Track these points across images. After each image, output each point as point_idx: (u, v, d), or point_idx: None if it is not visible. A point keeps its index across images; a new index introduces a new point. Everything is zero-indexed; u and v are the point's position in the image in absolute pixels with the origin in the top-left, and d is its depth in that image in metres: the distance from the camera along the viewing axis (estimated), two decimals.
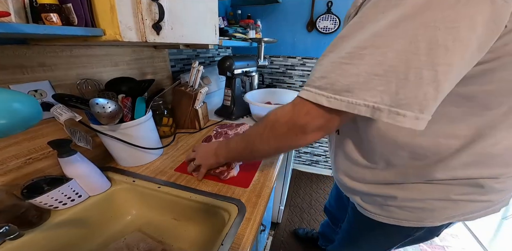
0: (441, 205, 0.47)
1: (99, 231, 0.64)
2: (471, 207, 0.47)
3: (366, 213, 0.59)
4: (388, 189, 0.51)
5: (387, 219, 0.54)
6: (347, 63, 0.31)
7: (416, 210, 0.50)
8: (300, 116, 0.38)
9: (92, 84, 0.68)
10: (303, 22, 1.63)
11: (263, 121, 0.46)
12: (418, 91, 0.28)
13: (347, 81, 0.31)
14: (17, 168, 0.56)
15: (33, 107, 0.37)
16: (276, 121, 0.42)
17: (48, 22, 0.42)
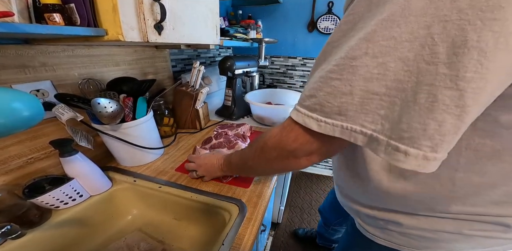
0: (451, 238, 0.41)
1: (100, 231, 0.64)
2: (487, 243, 0.40)
3: (366, 233, 0.54)
4: (394, 216, 0.45)
5: (387, 242, 0.50)
6: (336, 78, 0.25)
7: (420, 238, 0.44)
8: (288, 142, 0.33)
9: (94, 84, 0.68)
10: (304, 23, 1.63)
11: (255, 143, 0.42)
12: (430, 120, 0.21)
13: (338, 101, 0.25)
14: (19, 167, 0.56)
15: (35, 107, 0.37)
16: (265, 145, 0.38)
17: (51, 22, 0.42)
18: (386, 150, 0.23)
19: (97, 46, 0.71)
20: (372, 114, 0.24)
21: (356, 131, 0.25)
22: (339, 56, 0.25)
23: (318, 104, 0.27)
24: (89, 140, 0.59)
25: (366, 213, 0.50)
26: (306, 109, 0.29)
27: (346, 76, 0.24)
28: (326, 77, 0.26)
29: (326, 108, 0.26)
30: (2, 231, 0.34)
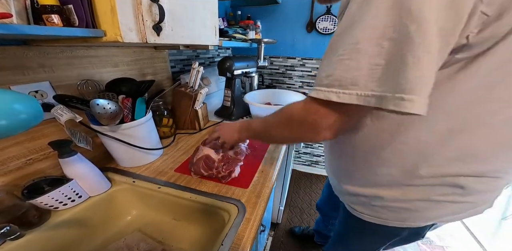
0: (424, 206, 0.48)
1: (99, 231, 0.64)
2: (453, 208, 0.48)
3: (355, 213, 0.60)
4: (375, 190, 0.52)
5: (374, 218, 0.56)
6: (347, 59, 0.32)
7: (400, 210, 0.51)
8: (310, 115, 0.39)
9: (93, 85, 0.68)
10: (303, 23, 1.63)
11: (280, 113, 0.48)
12: (417, 74, 0.28)
13: (351, 75, 0.32)
14: (18, 168, 0.56)
15: (34, 108, 0.37)
16: (290, 117, 0.44)
17: (49, 23, 0.42)
18: (393, 101, 0.30)
19: (96, 47, 0.71)
20: (378, 80, 0.31)
21: (368, 96, 0.32)
22: (346, 42, 0.32)
23: (337, 80, 0.33)
24: (88, 141, 0.59)
25: (350, 191, 0.58)
26: (325, 87, 0.35)
27: (355, 56, 0.32)
28: (338, 60, 0.33)
29: (343, 82, 0.33)
30: (1, 232, 0.34)
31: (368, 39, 0.30)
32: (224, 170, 0.67)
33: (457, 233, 1.64)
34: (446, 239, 1.58)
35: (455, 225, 1.71)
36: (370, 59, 0.31)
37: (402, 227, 0.55)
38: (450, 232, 1.64)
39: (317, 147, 2.16)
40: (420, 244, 1.53)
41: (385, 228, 0.57)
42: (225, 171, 0.67)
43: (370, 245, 0.69)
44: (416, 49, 0.28)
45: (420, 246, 1.51)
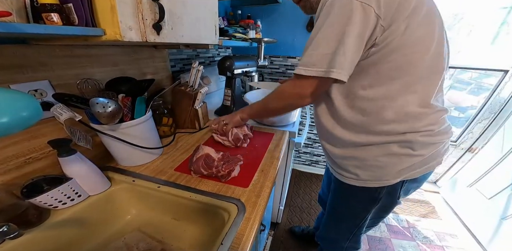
0: (389, 161, 0.62)
1: (99, 231, 0.64)
2: (410, 161, 0.62)
3: (341, 178, 0.73)
4: (351, 151, 0.66)
5: (355, 181, 0.69)
6: (311, 50, 0.54)
7: (373, 168, 0.64)
8: (295, 88, 0.63)
9: (92, 84, 0.67)
10: (303, 23, 1.63)
11: (276, 90, 0.70)
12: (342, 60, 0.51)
13: (313, 60, 0.54)
14: (17, 167, 0.56)
15: (33, 107, 0.37)
16: (284, 90, 0.67)
17: (48, 22, 0.42)
18: (331, 73, 0.52)
19: (96, 46, 0.70)
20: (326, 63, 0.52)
21: (320, 71, 0.53)
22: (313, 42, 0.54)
23: (304, 63, 0.55)
24: (87, 139, 0.59)
25: (335, 154, 0.71)
26: (300, 66, 0.56)
27: (316, 48, 0.53)
28: (307, 51, 0.55)
29: (308, 64, 0.55)
30: (0, 231, 0.34)
31: (323, 39, 0.52)
32: (224, 169, 0.67)
33: (457, 233, 1.64)
34: (446, 238, 1.58)
35: (455, 224, 1.71)
36: (323, 51, 0.52)
37: (379, 186, 0.66)
38: (450, 232, 1.64)
39: (317, 146, 2.16)
40: (420, 244, 1.53)
41: (366, 191, 0.69)
42: (224, 170, 0.67)
43: (356, 211, 0.79)
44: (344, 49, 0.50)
45: (420, 246, 1.51)
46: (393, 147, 0.60)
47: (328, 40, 0.51)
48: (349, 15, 0.47)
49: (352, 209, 0.79)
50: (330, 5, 0.50)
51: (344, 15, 0.48)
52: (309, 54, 0.54)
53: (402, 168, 0.63)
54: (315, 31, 0.53)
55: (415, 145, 0.60)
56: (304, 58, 0.55)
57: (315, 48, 0.52)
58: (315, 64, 0.53)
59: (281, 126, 1.11)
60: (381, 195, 0.69)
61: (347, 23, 0.48)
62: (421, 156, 0.61)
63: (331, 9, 0.49)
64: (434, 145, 0.62)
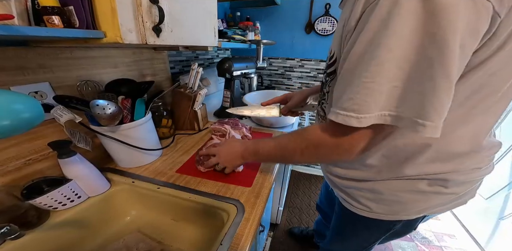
0: (412, 198, 0.51)
1: (99, 232, 0.64)
2: (438, 199, 0.51)
3: (350, 207, 0.62)
4: (365, 184, 0.55)
5: (367, 213, 0.58)
6: (370, 81, 0.33)
7: (391, 203, 0.53)
8: (345, 140, 0.41)
9: (92, 86, 0.68)
10: (302, 24, 1.64)
11: (301, 140, 0.48)
12: (433, 101, 0.31)
13: (373, 99, 0.34)
14: (17, 169, 0.56)
15: (35, 109, 0.38)
16: (319, 144, 0.45)
17: (50, 25, 0.42)
18: (410, 124, 0.33)
19: (95, 48, 0.71)
20: (396, 100, 0.33)
21: (387, 115, 0.34)
22: (366, 65, 0.33)
23: (356, 104, 0.35)
24: (87, 141, 0.59)
25: (343, 185, 0.60)
26: (344, 110, 0.36)
27: (377, 79, 0.33)
28: (360, 83, 0.34)
29: (363, 107, 0.34)
30: (2, 232, 0.35)
31: (391, 60, 0.31)
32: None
33: (456, 233, 1.64)
34: (444, 239, 1.58)
35: (453, 225, 1.72)
36: (391, 82, 0.32)
37: (395, 220, 0.57)
38: (448, 232, 1.64)
39: None
40: (418, 245, 1.53)
41: (379, 222, 0.58)
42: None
43: (365, 240, 0.70)
44: (435, 75, 0.30)
45: (418, 246, 1.52)
46: (420, 184, 0.49)
47: (406, 60, 0.30)
48: (454, 14, 0.27)
49: (360, 237, 0.71)
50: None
51: (442, 14, 0.27)
52: (364, 86, 0.33)
53: (427, 207, 0.53)
54: (370, 43, 0.32)
55: (450, 183, 0.48)
56: (351, 95, 0.35)
57: (377, 77, 0.32)
58: (377, 105, 0.33)
59: (279, 127, 1.12)
60: (396, 227, 0.60)
61: (452, 28, 0.27)
62: (454, 194, 0.51)
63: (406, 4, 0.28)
64: (472, 182, 0.51)
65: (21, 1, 0.41)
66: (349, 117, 0.35)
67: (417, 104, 0.32)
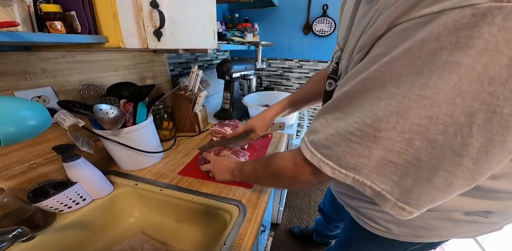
0: (442, 225, 0.44)
1: (103, 233, 0.65)
2: (474, 227, 0.45)
3: (364, 225, 0.56)
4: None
5: (385, 233, 0.51)
6: (356, 142, 0.26)
7: (415, 227, 0.46)
8: (303, 177, 0.37)
9: (94, 90, 0.69)
10: (300, 25, 1.65)
11: (269, 169, 0.46)
12: (438, 198, 0.24)
13: (355, 161, 0.27)
14: (22, 172, 0.57)
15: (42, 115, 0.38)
16: (280, 175, 0.43)
17: (52, 30, 0.43)
18: (392, 207, 0.27)
19: (97, 51, 0.71)
20: (384, 177, 0.26)
21: (366, 185, 0.28)
22: (363, 121, 0.25)
23: (335, 157, 0.29)
24: (90, 144, 0.60)
25: (360, 206, 0.53)
26: (322, 155, 0.31)
27: (367, 143, 0.25)
28: (346, 138, 0.27)
29: (342, 162, 0.28)
30: (13, 234, 0.35)
31: (397, 124, 0.22)
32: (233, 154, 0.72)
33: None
34: None
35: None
36: (387, 154, 0.24)
37: (415, 242, 0.50)
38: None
39: None
40: None
41: (396, 242, 0.52)
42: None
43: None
44: (454, 171, 0.21)
45: None
46: (455, 214, 0.42)
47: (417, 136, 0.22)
48: None
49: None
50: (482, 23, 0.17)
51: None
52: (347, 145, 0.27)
53: (458, 233, 0.46)
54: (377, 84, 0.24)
55: (492, 214, 0.42)
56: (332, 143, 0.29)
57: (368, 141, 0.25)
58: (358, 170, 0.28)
59: None
60: (415, 247, 0.53)
61: None
62: (493, 223, 0.44)
63: (484, 35, 0.17)
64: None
65: (24, 7, 0.41)
66: (325, 164, 0.30)
67: (411, 192, 0.25)
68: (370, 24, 0.28)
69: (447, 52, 0.19)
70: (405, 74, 0.21)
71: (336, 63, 0.46)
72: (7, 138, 0.34)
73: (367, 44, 0.27)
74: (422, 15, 0.20)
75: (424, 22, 0.20)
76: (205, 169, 0.72)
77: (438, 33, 0.19)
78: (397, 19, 0.22)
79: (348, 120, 0.27)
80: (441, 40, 0.19)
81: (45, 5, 0.42)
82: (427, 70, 0.20)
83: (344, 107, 0.28)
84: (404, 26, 0.22)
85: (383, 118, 0.23)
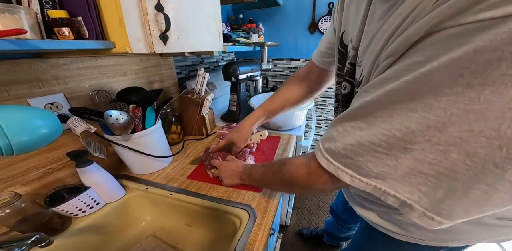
0: (470, 229, 0.41)
1: (117, 237, 0.66)
2: (503, 231, 0.41)
3: (382, 229, 0.53)
4: None
5: (404, 237, 0.49)
6: (382, 152, 0.25)
7: (438, 230, 0.42)
8: (317, 185, 0.36)
9: (104, 95, 0.70)
10: (305, 24, 1.64)
11: (281, 175, 0.45)
12: (473, 209, 0.22)
13: (379, 170, 0.25)
14: (38, 178, 0.58)
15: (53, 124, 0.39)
16: (293, 183, 0.41)
17: (61, 37, 0.43)
18: (419, 216, 0.25)
19: (105, 56, 0.72)
20: (411, 186, 0.24)
21: (389, 194, 0.26)
22: (391, 133, 0.23)
23: (355, 166, 0.27)
24: (102, 150, 0.61)
25: (379, 209, 0.50)
26: (340, 163, 0.29)
27: (395, 153, 0.24)
28: (369, 149, 0.26)
29: (363, 171, 0.27)
30: (32, 240, 0.36)
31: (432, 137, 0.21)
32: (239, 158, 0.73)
33: None
34: None
35: None
36: (416, 164, 0.23)
37: (439, 246, 0.47)
38: None
39: None
40: None
41: (417, 246, 0.49)
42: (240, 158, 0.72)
43: None
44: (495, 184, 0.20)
45: None
46: (486, 218, 0.39)
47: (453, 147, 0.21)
48: None
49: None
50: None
51: None
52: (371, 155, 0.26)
53: (486, 237, 0.43)
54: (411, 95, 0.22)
55: None
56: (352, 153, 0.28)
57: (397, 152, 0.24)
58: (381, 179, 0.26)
59: (287, 130, 1.12)
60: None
61: None
62: None
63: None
64: None
65: (32, 13, 0.41)
66: (343, 172, 0.29)
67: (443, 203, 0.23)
68: (403, 28, 0.25)
69: (506, 64, 0.16)
70: (448, 86, 0.19)
71: (350, 64, 0.43)
72: (20, 146, 0.34)
73: (399, 49, 0.25)
74: (478, 20, 0.18)
75: (481, 28, 0.17)
76: (214, 175, 0.72)
77: (500, 41, 0.16)
78: (441, 24, 0.20)
79: (372, 131, 0.25)
80: (501, 49, 0.16)
81: (53, 11, 0.42)
82: (477, 83, 0.18)
83: (367, 117, 0.27)
84: (451, 32, 0.20)
85: (416, 132, 0.22)
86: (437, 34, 0.21)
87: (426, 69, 0.21)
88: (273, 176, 0.49)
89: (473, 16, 0.18)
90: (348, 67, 0.44)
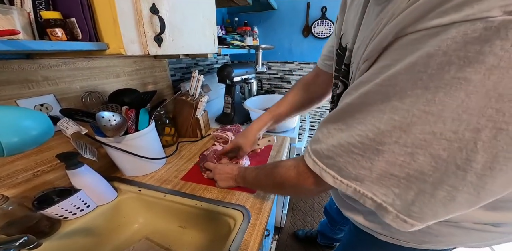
0: (448, 231, 0.42)
1: (108, 240, 0.64)
2: (482, 236, 0.42)
3: (367, 230, 0.54)
4: None
5: (388, 238, 0.50)
6: (358, 153, 0.26)
7: (419, 233, 0.44)
8: (305, 186, 0.38)
9: (96, 97, 0.69)
10: (299, 28, 1.66)
11: (272, 177, 0.46)
12: (442, 211, 0.23)
13: (357, 172, 0.27)
14: (26, 180, 0.57)
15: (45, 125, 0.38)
16: (284, 184, 0.43)
17: (54, 38, 0.43)
18: (393, 219, 0.26)
19: (98, 58, 0.72)
20: (386, 189, 0.26)
21: (367, 196, 0.27)
22: (365, 134, 0.25)
23: (336, 167, 0.29)
24: (93, 152, 0.60)
25: (364, 210, 0.52)
26: (324, 165, 0.31)
27: (369, 155, 0.25)
28: (348, 150, 0.27)
29: (344, 172, 0.28)
30: (20, 242, 0.35)
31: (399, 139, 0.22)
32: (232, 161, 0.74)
33: None
34: None
35: None
36: (388, 167, 0.24)
37: (420, 249, 0.48)
38: None
39: None
40: None
41: (399, 248, 0.50)
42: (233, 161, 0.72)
43: None
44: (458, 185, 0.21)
45: None
46: (463, 222, 0.40)
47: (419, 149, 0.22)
48: None
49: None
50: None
51: None
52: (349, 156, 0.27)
53: (465, 241, 0.43)
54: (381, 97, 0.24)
55: (503, 224, 0.40)
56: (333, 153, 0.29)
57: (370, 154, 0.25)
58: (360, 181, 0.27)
59: (281, 132, 1.12)
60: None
61: None
62: (505, 233, 0.42)
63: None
64: None
65: (24, 14, 0.41)
66: (327, 173, 0.30)
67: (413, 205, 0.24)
68: (377, 33, 0.27)
69: (455, 68, 0.18)
70: (410, 89, 0.21)
71: (345, 64, 0.45)
72: (10, 147, 0.34)
73: (373, 54, 0.27)
74: (430, 27, 0.19)
75: (432, 35, 0.19)
76: (208, 177, 0.72)
77: (446, 47, 0.18)
78: (404, 29, 0.22)
79: (351, 132, 0.27)
80: (449, 54, 0.18)
81: (45, 12, 0.42)
82: (433, 85, 0.19)
83: (346, 119, 0.28)
84: (411, 38, 0.21)
85: (385, 132, 0.23)
86: (403, 39, 0.22)
87: (391, 73, 0.22)
88: (265, 178, 0.50)
89: (426, 23, 0.19)
90: (343, 68, 0.46)
